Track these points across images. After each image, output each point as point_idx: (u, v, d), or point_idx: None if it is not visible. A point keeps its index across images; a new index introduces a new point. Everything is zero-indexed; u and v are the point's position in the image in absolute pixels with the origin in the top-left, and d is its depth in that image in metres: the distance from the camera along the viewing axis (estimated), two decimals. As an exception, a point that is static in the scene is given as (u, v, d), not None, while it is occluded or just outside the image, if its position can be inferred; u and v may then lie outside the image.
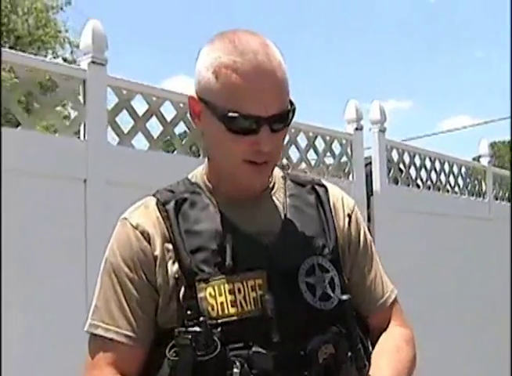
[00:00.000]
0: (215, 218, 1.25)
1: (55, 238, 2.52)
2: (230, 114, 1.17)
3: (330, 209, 1.34)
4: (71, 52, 17.63)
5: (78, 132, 2.69)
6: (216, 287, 1.18)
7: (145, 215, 1.27)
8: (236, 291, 1.19)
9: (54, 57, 17.01)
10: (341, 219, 1.35)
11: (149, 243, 1.24)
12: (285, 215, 1.29)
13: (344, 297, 1.24)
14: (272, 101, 1.18)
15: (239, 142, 1.19)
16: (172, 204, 1.26)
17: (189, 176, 1.34)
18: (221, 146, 1.23)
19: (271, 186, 1.34)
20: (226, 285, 1.19)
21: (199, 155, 3.26)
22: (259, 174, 1.24)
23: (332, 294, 1.23)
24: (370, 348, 1.32)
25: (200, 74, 1.22)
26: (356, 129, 4.13)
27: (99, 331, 1.24)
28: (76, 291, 2.54)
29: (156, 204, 1.27)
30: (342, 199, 1.39)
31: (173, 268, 1.21)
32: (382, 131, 4.28)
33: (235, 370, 1.13)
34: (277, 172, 1.36)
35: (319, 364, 1.18)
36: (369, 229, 1.45)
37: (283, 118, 1.21)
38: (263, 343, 1.16)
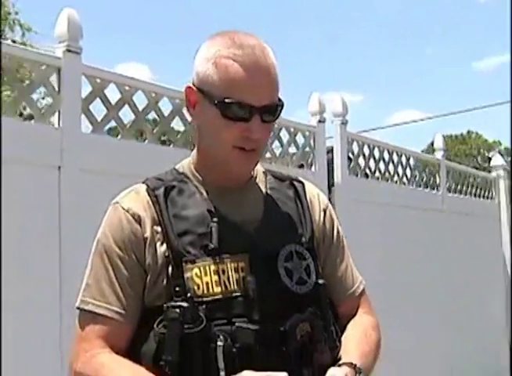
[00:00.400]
0: (202, 205, 1.34)
1: (29, 223, 2.54)
2: (227, 100, 1.28)
3: (307, 203, 1.45)
4: (22, 35, 17.21)
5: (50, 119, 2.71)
6: (202, 268, 1.28)
7: (136, 199, 1.36)
8: (221, 272, 1.28)
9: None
10: (317, 214, 1.46)
11: (140, 225, 1.32)
12: (266, 205, 1.40)
13: (320, 281, 1.35)
14: (264, 93, 1.29)
15: (231, 127, 1.29)
16: (162, 190, 1.35)
17: (176, 167, 1.44)
18: (214, 133, 1.32)
19: (254, 178, 1.44)
20: (212, 266, 1.28)
21: (169, 144, 3.31)
22: (247, 160, 1.34)
23: (308, 279, 1.33)
24: (339, 332, 1.41)
25: (200, 65, 1.33)
26: (319, 121, 4.23)
27: (90, 307, 1.32)
28: (49, 276, 2.57)
29: (147, 190, 1.36)
30: (318, 195, 1.51)
31: (161, 249, 1.30)
32: (344, 123, 4.40)
33: (219, 343, 1.22)
34: (259, 167, 1.47)
35: (296, 340, 1.27)
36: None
37: (272, 110, 1.32)
38: (245, 320, 1.26)
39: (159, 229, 1.31)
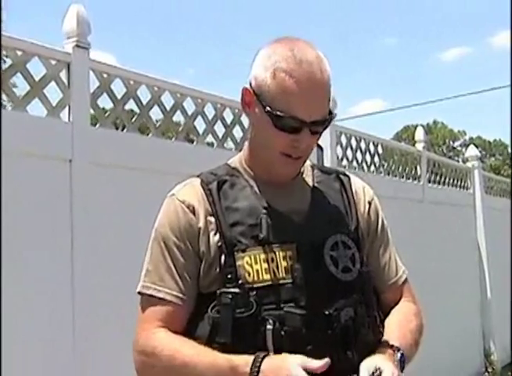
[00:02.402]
0: (252, 198, 1.43)
1: (42, 214, 2.60)
2: (279, 113, 1.36)
3: (353, 195, 1.53)
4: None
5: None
6: (252, 257, 1.37)
7: (190, 192, 1.45)
8: (270, 261, 1.37)
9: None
10: (362, 205, 1.54)
11: (194, 215, 1.42)
12: (313, 198, 1.49)
13: (364, 269, 1.43)
14: (316, 109, 1.37)
15: (281, 137, 1.38)
16: (215, 184, 1.44)
17: (229, 162, 1.53)
18: (264, 137, 1.42)
19: (301, 172, 1.52)
20: (261, 255, 1.37)
21: (171, 138, 3.38)
22: (293, 166, 1.45)
23: (352, 268, 1.41)
24: (383, 319, 1.50)
25: (258, 70, 1.40)
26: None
27: (151, 291, 1.41)
28: (60, 268, 2.63)
29: (201, 184, 1.46)
30: (363, 188, 1.59)
31: (214, 238, 1.39)
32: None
33: (268, 326, 1.32)
34: (307, 162, 1.54)
35: (341, 324, 1.36)
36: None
37: (322, 124, 1.40)
38: (292, 305, 1.34)
39: (212, 219, 1.40)
